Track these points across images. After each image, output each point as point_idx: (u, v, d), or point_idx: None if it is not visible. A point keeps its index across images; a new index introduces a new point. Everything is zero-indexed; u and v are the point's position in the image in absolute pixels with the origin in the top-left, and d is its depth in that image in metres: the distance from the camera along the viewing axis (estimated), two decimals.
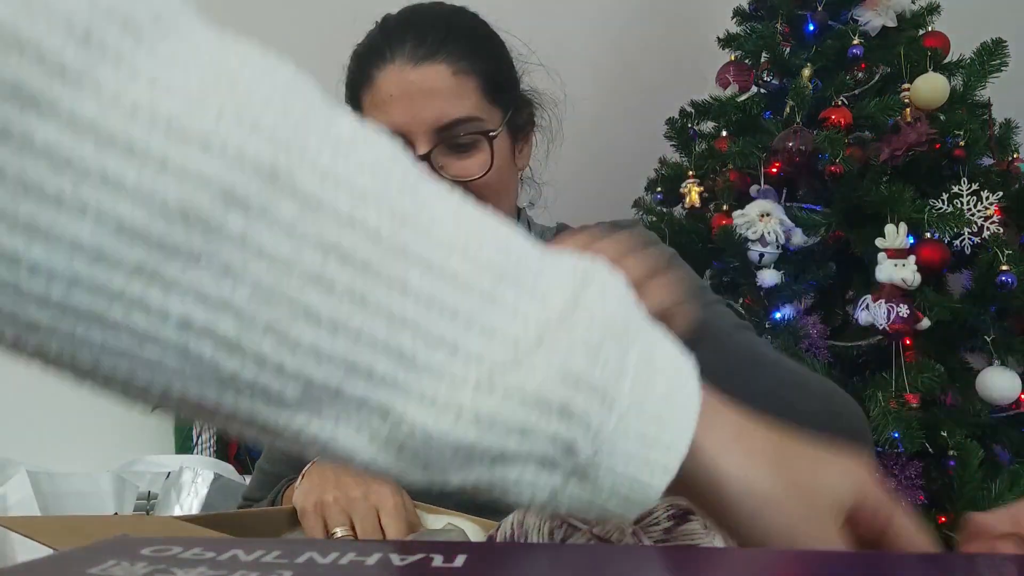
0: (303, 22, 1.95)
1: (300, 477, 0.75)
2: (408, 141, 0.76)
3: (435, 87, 0.75)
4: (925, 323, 1.25)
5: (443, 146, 0.77)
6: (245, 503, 0.90)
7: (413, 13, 0.80)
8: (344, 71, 0.82)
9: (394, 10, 0.82)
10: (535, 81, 0.90)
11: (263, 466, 0.91)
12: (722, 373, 0.49)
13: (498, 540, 0.45)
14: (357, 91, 0.81)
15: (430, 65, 0.75)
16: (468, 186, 0.79)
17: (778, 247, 1.34)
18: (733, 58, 1.57)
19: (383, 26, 0.80)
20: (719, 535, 0.43)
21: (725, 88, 1.55)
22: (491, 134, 0.77)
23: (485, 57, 0.79)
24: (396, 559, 0.27)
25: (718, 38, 1.59)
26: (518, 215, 0.92)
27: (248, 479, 0.94)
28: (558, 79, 0.90)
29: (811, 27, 1.49)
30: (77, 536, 0.48)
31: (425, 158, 0.76)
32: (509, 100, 0.82)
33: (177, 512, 1.19)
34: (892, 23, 1.48)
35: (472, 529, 0.60)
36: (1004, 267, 1.22)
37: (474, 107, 0.77)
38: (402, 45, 0.76)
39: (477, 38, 0.80)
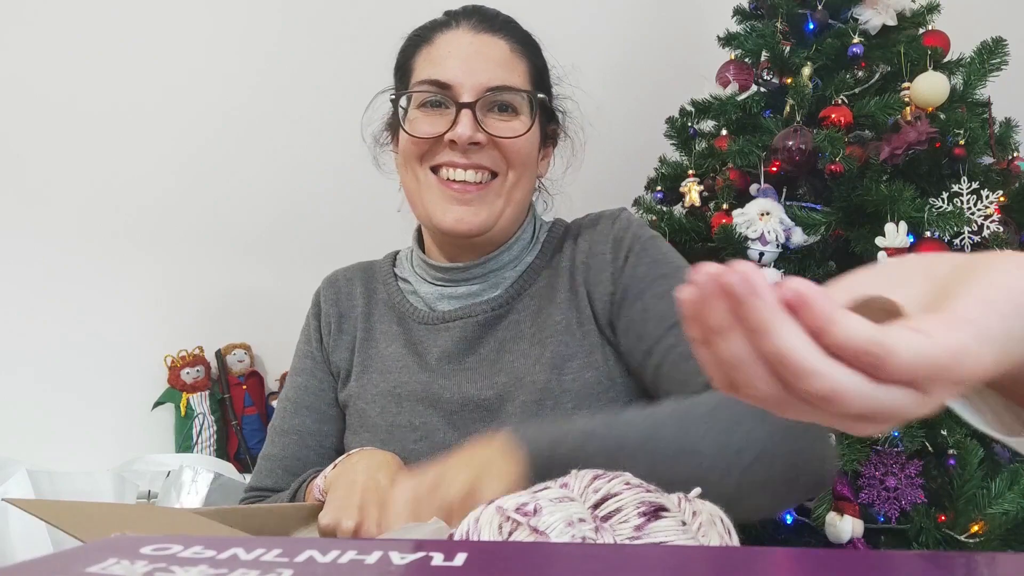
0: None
1: (331, 467, 0.75)
2: (454, 93, 0.79)
3: (493, 54, 0.81)
4: None
5: (487, 102, 0.80)
6: (251, 494, 0.88)
7: (476, 5, 0.87)
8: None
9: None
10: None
11: (271, 452, 0.89)
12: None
13: (456, 538, 0.44)
14: (412, 52, 0.85)
15: (491, 36, 0.82)
16: (503, 148, 0.81)
17: (778, 246, 1.34)
18: (733, 57, 1.57)
19: (447, 12, 0.87)
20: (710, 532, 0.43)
21: (725, 87, 1.55)
22: (536, 97, 0.83)
23: (536, 55, 0.86)
24: (396, 557, 0.27)
25: (718, 37, 1.59)
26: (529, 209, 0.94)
27: (248, 478, 0.93)
28: (582, 105, 0.97)
29: (811, 26, 1.49)
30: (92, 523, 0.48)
31: (470, 107, 0.78)
32: (544, 103, 0.87)
33: None
34: (892, 22, 1.47)
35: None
36: None
37: (524, 84, 0.83)
38: (468, 19, 0.83)
39: (531, 40, 0.87)
